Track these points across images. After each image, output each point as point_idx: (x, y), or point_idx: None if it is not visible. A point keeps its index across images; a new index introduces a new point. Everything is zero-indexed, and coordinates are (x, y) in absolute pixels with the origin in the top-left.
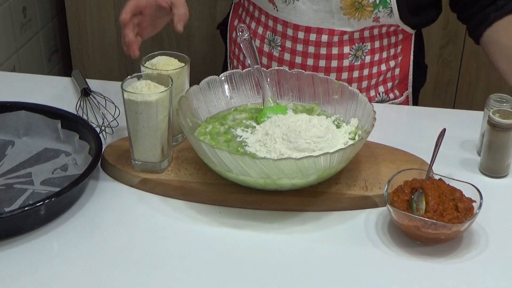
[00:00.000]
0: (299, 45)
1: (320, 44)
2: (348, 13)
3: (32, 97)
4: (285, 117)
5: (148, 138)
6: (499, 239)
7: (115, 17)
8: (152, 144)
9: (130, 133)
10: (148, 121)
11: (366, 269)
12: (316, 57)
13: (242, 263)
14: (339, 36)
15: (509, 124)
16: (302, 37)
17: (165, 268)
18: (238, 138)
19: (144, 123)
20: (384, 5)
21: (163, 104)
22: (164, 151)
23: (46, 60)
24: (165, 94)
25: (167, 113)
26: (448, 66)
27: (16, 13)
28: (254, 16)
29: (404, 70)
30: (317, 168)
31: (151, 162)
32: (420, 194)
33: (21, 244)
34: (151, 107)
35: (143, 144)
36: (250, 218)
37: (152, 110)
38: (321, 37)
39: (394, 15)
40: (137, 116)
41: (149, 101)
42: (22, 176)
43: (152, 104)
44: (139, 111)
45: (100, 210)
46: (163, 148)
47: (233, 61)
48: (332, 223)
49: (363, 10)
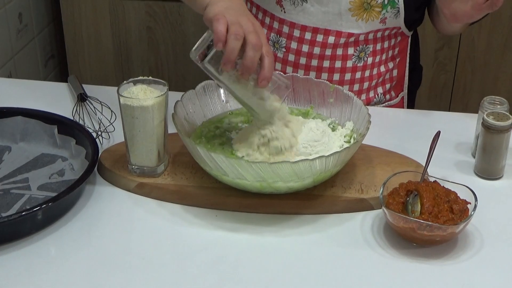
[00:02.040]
0: (305, 45)
1: (326, 45)
2: (357, 14)
3: (28, 102)
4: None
5: (144, 143)
6: (494, 240)
7: (111, 22)
8: (149, 149)
9: (127, 138)
10: (144, 125)
11: (362, 271)
12: (321, 58)
13: (239, 267)
14: (346, 38)
15: (503, 126)
16: (309, 38)
17: (162, 272)
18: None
19: (140, 127)
20: (392, 5)
21: (159, 108)
22: (161, 155)
23: (43, 66)
24: (161, 98)
25: (163, 117)
26: (444, 69)
27: (12, 19)
28: (258, 18)
29: (401, 71)
30: (312, 172)
31: (148, 167)
32: (415, 196)
33: (18, 249)
34: (147, 111)
35: (139, 149)
36: (246, 221)
37: (148, 114)
38: (328, 39)
39: (400, 15)
40: (133, 120)
41: (145, 106)
42: (19, 181)
43: (148, 109)
44: (135, 115)
45: (97, 214)
46: (159, 153)
47: None
48: (328, 226)
49: (372, 10)
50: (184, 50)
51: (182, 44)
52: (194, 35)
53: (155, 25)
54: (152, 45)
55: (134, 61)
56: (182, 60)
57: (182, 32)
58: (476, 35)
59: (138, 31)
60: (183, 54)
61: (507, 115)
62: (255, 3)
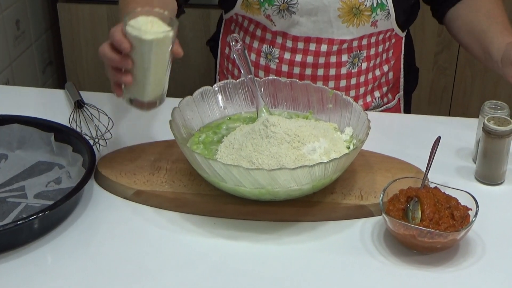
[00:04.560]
0: (298, 55)
1: (319, 54)
2: (347, 20)
3: (25, 110)
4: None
5: (139, 74)
6: (496, 247)
7: (109, 28)
8: (141, 82)
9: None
10: (141, 60)
11: (363, 279)
12: (315, 66)
13: (238, 274)
14: (338, 45)
15: (504, 131)
16: (302, 47)
17: (160, 280)
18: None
19: (137, 59)
20: (382, 8)
21: (159, 45)
22: (155, 92)
23: (40, 73)
24: (162, 36)
25: (166, 57)
26: (443, 73)
27: (9, 26)
28: (249, 31)
29: (396, 73)
30: (312, 178)
31: (137, 100)
32: (415, 202)
33: (15, 258)
34: (145, 45)
35: (134, 79)
36: (245, 229)
37: (146, 48)
38: (320, 47)
39: (391, 17)
40: (132, 51)
41: (144, 39)
42: (16, 189)
43: (147, 43)
44: (134, 46)
45: (94, 222)
46: (154, 88)
47: (227, 77)
48: (328, 233)
49: (361, 15)
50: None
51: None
52: (192, 41)
53: None
54: None
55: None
56: (180, 66)
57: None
58: None
59: None
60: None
61: (508, 120)
62: (247, 16)
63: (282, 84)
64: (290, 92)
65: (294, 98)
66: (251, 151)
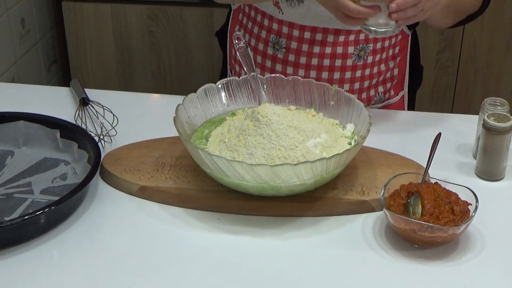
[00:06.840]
0: (305, 45)
1: (325, 44)
2: None
3: (31, 107)
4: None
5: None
6: (495, 241)
7: (113, 26)
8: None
9: None
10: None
11: (364, 273)
12: (321, 56)
13: (241, 269)
14: (345, 36)
15: (504, 128)
16: (308, 37)
17: (165, 274)
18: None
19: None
20: None
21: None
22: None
23: (45, 71)
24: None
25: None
26: (446, 71)
27: (14, 25)
28: (257, 21)
29: (402, 70)
30: (314, 173)
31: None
32: (416, 197)
33: (21, 252)
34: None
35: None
36: (248, 224)
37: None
38: (327, 37)
39: None
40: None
41: None
42: (22, 185)
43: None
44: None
45: (99, 218)
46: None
47: (234, 67)
48: (330, 228)
49: None
50: (186, 54)
51: (184, 48)
52: (195, 39)
53: (157, 30)
54: (154, 49)
55: (137, 65)
56: (184, 64)
57: (184, 36)
58: (478, 37)
59: (140, 36)
60: (185, 58)
61: (508, 116)
62: (253, 5)
63: (285, 81)
64: (292, 89)
65: (296, 95)
66: (250, 144)
